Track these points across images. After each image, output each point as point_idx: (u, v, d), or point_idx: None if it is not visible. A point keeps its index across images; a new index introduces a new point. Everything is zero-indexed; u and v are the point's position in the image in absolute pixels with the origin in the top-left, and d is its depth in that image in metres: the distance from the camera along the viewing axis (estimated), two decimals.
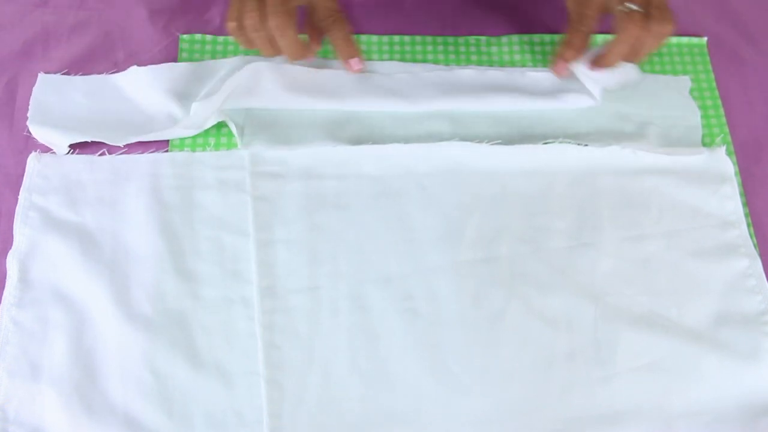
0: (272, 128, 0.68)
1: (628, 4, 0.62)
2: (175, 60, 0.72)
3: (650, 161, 0.68)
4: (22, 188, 0.64)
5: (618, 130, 0.70)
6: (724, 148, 0.70)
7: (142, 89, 0.69)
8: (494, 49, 0.75)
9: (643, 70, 0.74)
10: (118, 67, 0.71)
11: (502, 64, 0.74)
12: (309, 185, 0.65)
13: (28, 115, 0.67)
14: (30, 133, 0.67)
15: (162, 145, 0.67)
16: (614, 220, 0.65)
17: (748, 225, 0.67)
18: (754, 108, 0.74)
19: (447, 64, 0.74)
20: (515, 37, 0.76)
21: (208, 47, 0.73)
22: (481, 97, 0.70)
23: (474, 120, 0.70)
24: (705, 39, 0.77)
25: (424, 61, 0.74)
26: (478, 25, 0.76)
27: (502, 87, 0.72)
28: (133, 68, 0.69)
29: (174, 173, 0.65)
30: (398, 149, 0.67)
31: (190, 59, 0.72)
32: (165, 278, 0.61)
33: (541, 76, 0.72)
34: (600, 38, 0.75)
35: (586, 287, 0.62)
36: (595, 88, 0.70)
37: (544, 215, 0.65)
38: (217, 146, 0.68)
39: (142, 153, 0.66)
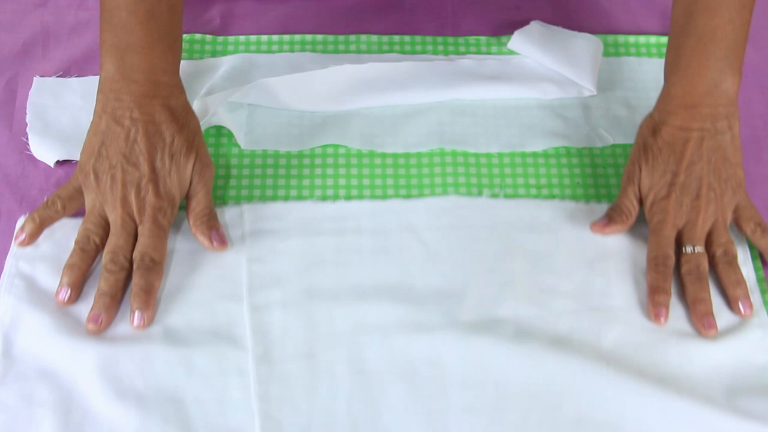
0: (274, 128, 0.68)
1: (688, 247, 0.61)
2: None
3: None
4: (9, 254, 0.60)
5: (627, 119, 0.70)
6: None
7: None
8: (494, 48, 0.75)
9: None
10: None
11: None
12: (306, 242, 0.62)
13: (27, 121, 0.67)
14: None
15: None
16: (623, 282, 0.62)
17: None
18: (752, 108, 0.74)
19: None
20: None
21: (207, 47, 0.73)
22: (482, 86, 0.70)
23: (474, 111, 0.70)
24: None
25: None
26: (478, 25, 0.76)
27: (501, 75, 0.72)
28: None
29: None
30: (397, 204, 0.65)
31: (189, 59, 0.72)
32: (155, 348, 0.57)
33: (541, 66, 0.73)
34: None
35: (594, 353, 0.59)
36: (588, 80, 0.71)
37: (550, 274, 0.62)
38: (217, 146, 0.67)
39: None
